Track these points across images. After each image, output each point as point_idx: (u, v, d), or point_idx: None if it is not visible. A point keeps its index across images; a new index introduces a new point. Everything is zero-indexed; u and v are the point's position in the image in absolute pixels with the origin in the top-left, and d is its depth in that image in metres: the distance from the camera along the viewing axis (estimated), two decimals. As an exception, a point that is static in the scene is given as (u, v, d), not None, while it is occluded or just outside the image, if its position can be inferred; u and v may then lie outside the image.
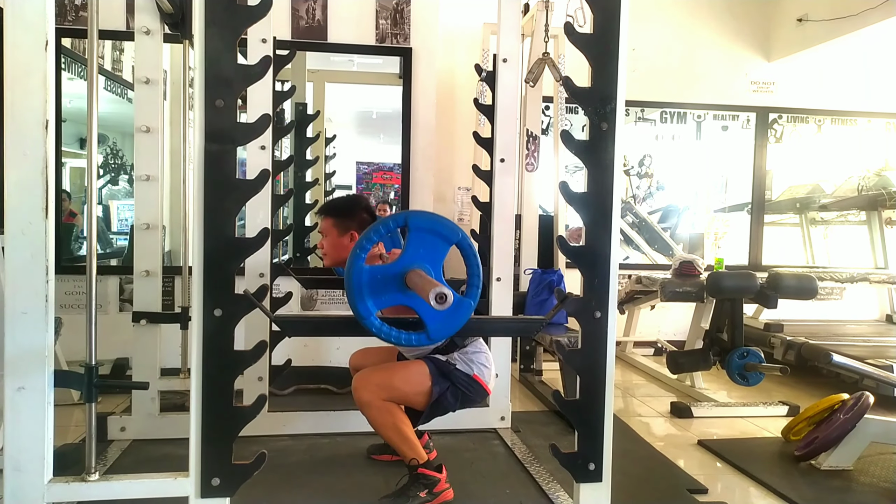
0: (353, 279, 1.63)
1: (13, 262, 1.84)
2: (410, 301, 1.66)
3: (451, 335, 1.74)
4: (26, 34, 1.80)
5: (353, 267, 1.63)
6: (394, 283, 1.66)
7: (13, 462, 1.87)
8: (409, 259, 1.66)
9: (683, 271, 4.04)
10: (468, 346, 2.41)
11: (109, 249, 4.64)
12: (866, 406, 2.73)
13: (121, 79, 4.34)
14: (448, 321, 1.67)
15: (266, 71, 1.59)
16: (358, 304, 1.64)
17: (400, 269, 1.66)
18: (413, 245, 1.66)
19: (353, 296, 1.63)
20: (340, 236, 2.48)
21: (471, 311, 1.71)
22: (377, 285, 1.65)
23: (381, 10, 4.07)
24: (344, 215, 2.50)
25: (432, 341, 1.71)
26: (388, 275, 1.66)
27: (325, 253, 2.55)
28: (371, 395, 2.27)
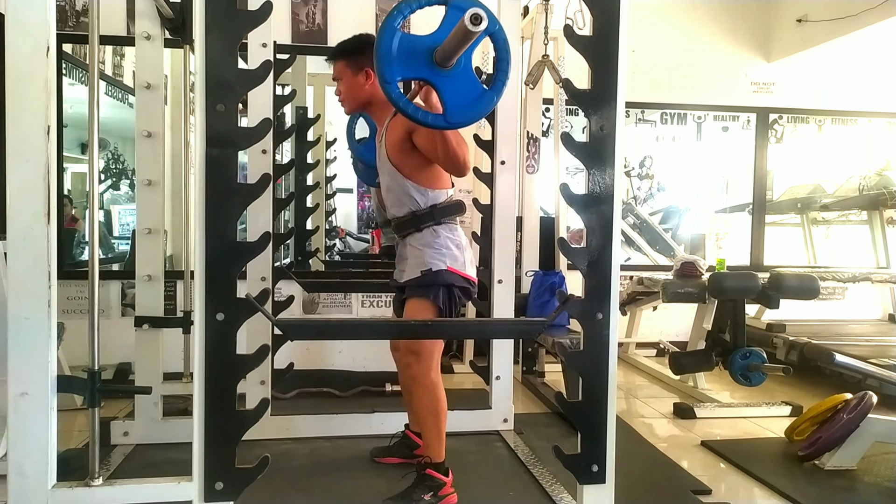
0: (383, 41, 1.60)
1: (15, 267, 1.84)
2: (434, 77, 1.65)
3: (467, 121, 1.73)
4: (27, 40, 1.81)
5: (387, 29, 1.60)
6: (423, 55, 1.64)
7: (17, 467, 1.88)
8: (442, 36, 1.63)
9: (685, 272, 4.04)
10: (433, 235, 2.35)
11: (111, 254, 4.65)
12: (869, 406, 2.72)
13: (122, 84, 4.35)
14: (469, 105, 1.67)
15: (266, 75, 1.60)
16: (384, 68, 1.61)
17: (432, 42, 1.64)
18: (450, 23, 1.61)
19: (381, 58, 1.60)
20: (356, 75, 2.43)
21: (492, 103, 1.71)
22: (406, 53, 1.62)
23: (381, 13, 4.08)
24: (355, 53, 2.43)
25: (448, 123, 1.70)
26: (420, 46, 1.64)
27: (343, 98, 2.50)
28: (414, 367, 2.30)
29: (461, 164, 2.18)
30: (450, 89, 1.66)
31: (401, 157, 2.32)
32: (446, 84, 1.66)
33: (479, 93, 1.69)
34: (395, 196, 2.38)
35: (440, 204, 2.36)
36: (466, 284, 2.39)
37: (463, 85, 1.68)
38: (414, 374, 2.32)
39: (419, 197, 2.34)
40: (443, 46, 1.61)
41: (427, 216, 2.35)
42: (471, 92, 1.67)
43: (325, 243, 4.65)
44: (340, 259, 5.03)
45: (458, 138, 2.14)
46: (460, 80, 1.69)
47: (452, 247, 2.36)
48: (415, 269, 2.35)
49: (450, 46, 1.59)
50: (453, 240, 2.37)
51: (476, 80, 1.71)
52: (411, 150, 2.29)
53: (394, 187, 2.38)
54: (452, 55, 1.63)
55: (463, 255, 2.39)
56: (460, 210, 2.42)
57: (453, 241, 2.37)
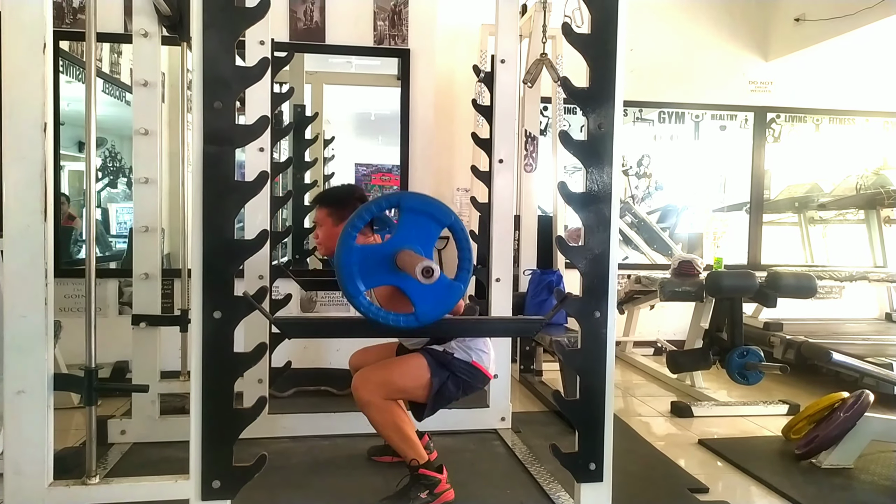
0: (342, 258, 1.62)
1: (12, 265, 1.84)
2: (400, 281, 1.65)
3: (439, 317, 1.72)
4: (24, 37, 1.80)
5: (344, 246, 1.62)
6: (384, 263, 1.65)
7: (13, 466, 1.87)
8: (400, 240, 1.65)
9: (682, 271, 4.04)
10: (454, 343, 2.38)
11: (108, 252, 4.63)
12: (866, 404, 2.73)
13: (119, 81, 4.34)
14: (438, 303, 1.67)
15: (264, 73, 1.59)
16: (347, 283, 1.63)
17: (390, 249, 1.65)
18: (405, 226, 1.65)
19: (343, 274, 1.62)
20: (335, 226, 2.47)
21: (460, 294, 1.70)
22: (368, 265, 1.64)
23: (379, 11, 4.07)
24: (338, 205, 2.49)
25: (420, 323, 1.69)
26: (379, 255, 1.65)
27: (320, 243, 2.54)
28: (371, 394, 2.27)
29: None
30: (416, 290, 1.64)
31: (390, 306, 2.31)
32: (412, 286, 1.63)
33: (446, 286, 1.65)
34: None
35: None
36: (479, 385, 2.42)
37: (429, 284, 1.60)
38: (363, 398, 2.28)
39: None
40: (402, 263, 1.62)
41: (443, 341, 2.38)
42: (438, 287, 1.61)
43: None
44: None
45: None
46: None
47: (482, 347, 2.40)
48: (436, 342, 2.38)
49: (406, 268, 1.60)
50: (484, 339, 2.42)
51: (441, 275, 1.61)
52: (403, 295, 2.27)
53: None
54: None
55: (490, 352, 2.43)
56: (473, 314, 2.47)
57: (484, 341, 2.41)
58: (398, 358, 2.45)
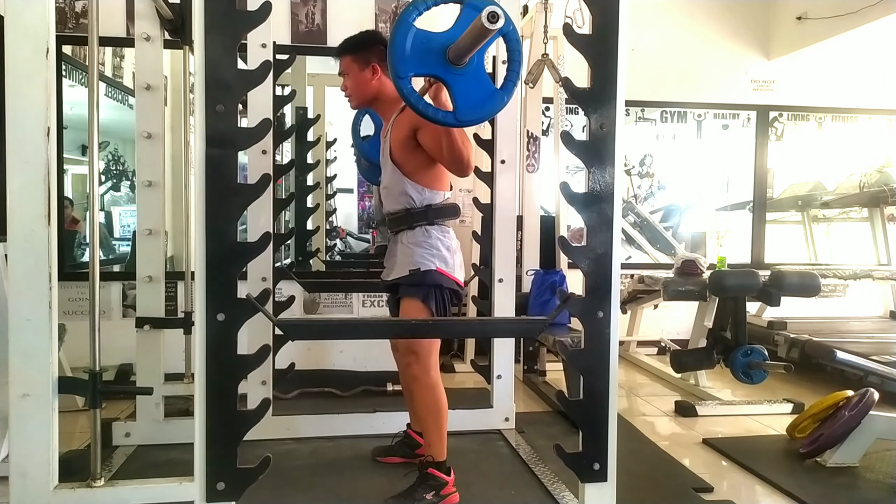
0: (397, 36, 1.61)
1: (16, 269, 1.85)
2: (447, 75, 1.66)
3: (478, 120, 1.74)
4: (27, 42, 1.81)
5: (401, 24, 1.61)
6: (437, 53, 1.65)
7: (19, 468, 1.88)
8: (457, 33, 1.64)
9: (686, 270, 4.04)
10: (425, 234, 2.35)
11: (112, 255, 4.65)
12: (871, 403, 2.72)
13: (122, 85, 4.35)
14: (479, 104, 1.69)
15: (266, 75, 1.60)
16: (398, 64, 1.62)
17: (445, 39, 1.65)
18: (464, 22, 1.62)
19: (395, 53, 1.61)
20: (362, 70, 2.41)
21: (502, 103, 1.73)
22: (420, 50, 1.63)
23: (381, 13, 4.07)
24: (362, 48, 2.43)
25: (458, 121, 1.70)
26: (434, 43, 1.65)
27: (350, 93, 2.48)
28: (414, 367, 2.32)
29: (465, 164, 2.19)
30: (461, 87, 1.67)
31: (404, 154, 2.32)
32: (458, 82, 1.66)
33: (490, 92, 1.70)
34: (393, 193, 2.39)
35: (435, 204, 2.37)
36: (455, 287, 2.39)
37: (474, 84, 1.69)
38: (414, 373, 2.33)
39: (415, 195, 2.34)
40: (457, 44, 1.62)
41: (421, 215, 2.35)
42: (482, 91, 1.68)
43: (325, 243, 4.65)
44: (341, 259, 5.03)
45: (463, 137, 2.15)
46: (472, 78, 1.70)
47: (443, 248, 2.36)
48: (403, 267, 2.35)
49: (464, 44, 1.60)
50: (444, 242, 2.37)
51: (487, 79, 1.72)
52: (415, 147, 2.30)
53: (392, 184, 2.38)
54: (466, 53, 1.63)
55: (453, 258, 2.39)
56: (455, 213, 2.43)
57: (444, 244, 2.37)
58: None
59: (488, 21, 1.44)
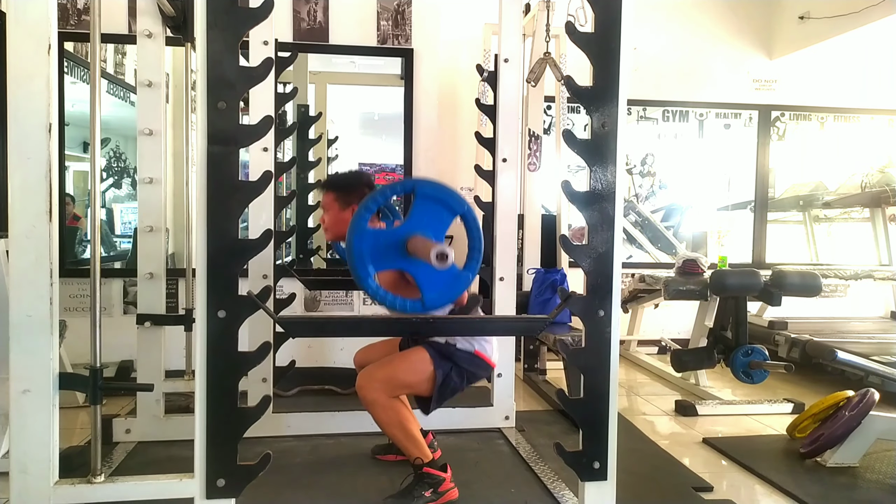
0: (354, 240, 1.62)
1: (17, 265, 1.85)
2: (410, 267, 1.66)
3: (445, 304, 1.73)
4: (29, 38, 1.81)
5: (356, 228, 1.63)
6: (395, 248, 1.66)
7: (19, 464, 1.88)
8: (412, 226, 1.65)
9: (687, 269, 4.04)
10: None
11: (113, 252, 4.65)
12: (871, 403, 2.72)
13: (123, 82, 4.35)
14: (445, 290, 1.68)
15: (268, 73, 1.60)
16: (358, 266, 1.63)
17: (402, 234, 1.66)
18: (418, 212, 1.65)
19: (354, 257, 1.63)
20: (342, 210, 2.46)
21: (468, 283, 1.71)
22: (379, 249, 1.65)
23: (383, 11, 4.07)
24: (345, 189, 2.47)
25: (426, 309, 1.69)
26: (390, 239, 1.66)
27: (327, 227, 2.53)
28: (376, 392, 2.26)
29: None
30: (425, 277, 1.65)
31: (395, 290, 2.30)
32: (421, 272, 1.65)
33: (454, 275, 1.66)
34: None
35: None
36: (482, 373, 2.41)
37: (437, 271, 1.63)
38: (367, 397, 2.28)
39: None
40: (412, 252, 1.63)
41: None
42: (446, 275, 1.63)
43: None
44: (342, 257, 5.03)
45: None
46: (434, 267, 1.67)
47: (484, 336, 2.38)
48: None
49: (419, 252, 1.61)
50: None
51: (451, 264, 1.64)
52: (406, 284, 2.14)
53: None
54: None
55: (492, 341, 2.41)
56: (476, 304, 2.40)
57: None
58: (401, 353, 2.45)
59: (437, 262, 1.49)
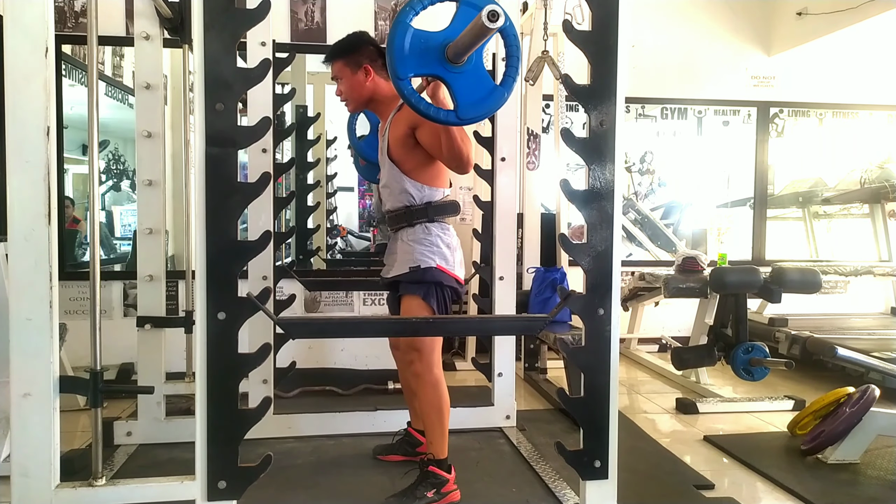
0: (396, 37, 1.61)
1: (17, 268, 1.85)
2: (447, 74, 1.66)
3: (479, 117, 1.74)
4: (26, 41, 1.81)
5: (399, 25, 1.61)
6: (435, 52, 1.65)
7: (20, 468, 1.88)
8: (454, 32, 1.64)
9: (687, 267, 4.04)
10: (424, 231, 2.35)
11: (113, 255, 4.65)
12: (872, 399, 2.72)
13: (121, 84, 4.35)
14: (479, 101, 1.69)
15: (266, 74, 1.59)
16: (397, 65, 1.62)
17: (443, 38, 1.65)
18: (461, 20, 1.63)
19: (394, 54, 1.61)
20: (355, 73, 2.41)
21: (502, 100, 1.73)
22: (418, 50, 1.64)
23: (380, 11, 4.07)
24: (351, 51, 2.42)
25: (460, 119, 1.70)
26: (432, 42, 1.65)
27: (346, 97, 2.48)
28: (420, 365, 2.31)
29: (465, 161, 2.18)
30: (461, 86, 1.67)
31: (402, 152, 2.32)
32: (458, 80, 1.67)
33: (490, 89, 1.70)
34: (392, 191, 2.39)
35: (435, 201, 2.36)
36: (455, 285, 2.39)
37: (474, 81, 1.69)
38: (417, 370, 2.32)
39: (415, 192, 2.34)
40: (456, 43, 1.62)
41: (421, 212, 2.35)
42: (482, 88, 1.69)
43: (326, 242, 4.66)
44: (342, 257, 5.04)
45: (462, 135, 2.14)
46: (472, 76, 1.70)
47: (443, 246, 2.35)
48: (403, 264, 2.35)
49: (463, 43, 1.60)
50: (444, 239, 2.37)
51: (487, 76, 1.72)
52: (414, 146, 2.29)
53: (391, 182, 2.38)
54: (465, 52, 1.64)
55: (453, 255, 2.39)
56: (455, 210, 2.43)
57: (444, 241, 2.36)
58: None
59: (488, 20, 1.44)
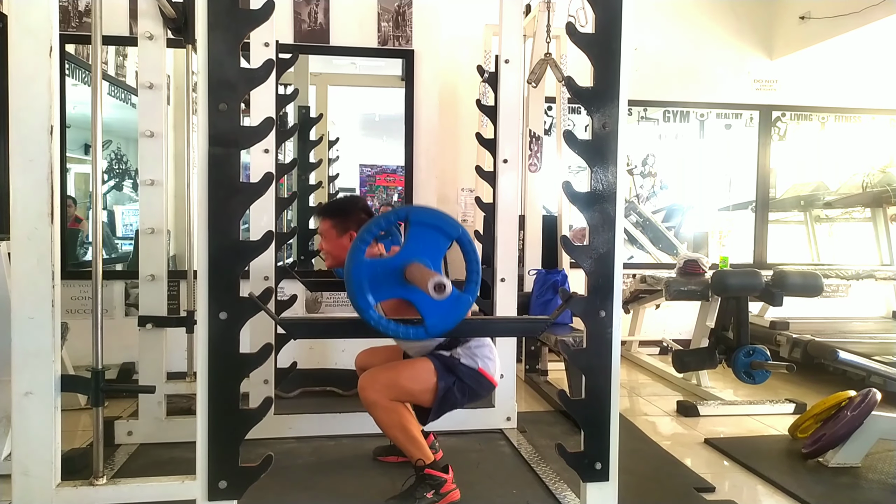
0: (352, 272, 1.63)
1: (19, 267, 1.85)
2: (409, 294, 1.66)
3: (448, 330, 1.73)
4: (31, 41, 1.82)
5: (353, 260, 1.63)
6: (393, 276, 1.66)
7: (21, 467, 1.88)
8: (409, 253, 1.66)
9: (688, 270, 4.04)
10: (471, 340, 2.38)
11: (115, 254, 4.65)
12: (873, 403, 2.72)
13: (124, 84, 4.35)
14: (446, 315, 1.68)
15: (269, 74, 1.60)
16: (358, 298, 1.64)
17: (400, 262, 1.66)
18: (413, 240, 1.66)
19: (353, 289, 1.63)
20: (339, 237, 2.47)
21: (469, 306, 1.71)
22: (377, 278, 1.65)
23: (383, 12, 4.07)
24: (341, 216, 2.49)
25: (430, 335, 1.70)
26: (388, 268, 1.66)
27: (327, 254, 2.55)
28: (377, 394, 2.26)
29: None
30: (425, 304, 1.65)
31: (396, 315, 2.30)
32: (422, 299, 1.64)
33: (454, 299, 1.65)
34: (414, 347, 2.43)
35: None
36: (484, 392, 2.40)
37: None
38: (369, 398, 2.28)
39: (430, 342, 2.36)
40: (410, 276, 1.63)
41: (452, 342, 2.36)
42: (446, 301, 1.62)
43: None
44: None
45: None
46: None
47: (489, 355, 2.37)
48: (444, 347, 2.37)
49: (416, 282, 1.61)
50: (490, 347, 2.39)
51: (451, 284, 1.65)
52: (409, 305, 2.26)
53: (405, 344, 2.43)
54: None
55: (495, 360, 2.41)
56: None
57: (490, 349, 2.39)
58: (406, 361, 2.45)
59: (435, 292, 1.49)
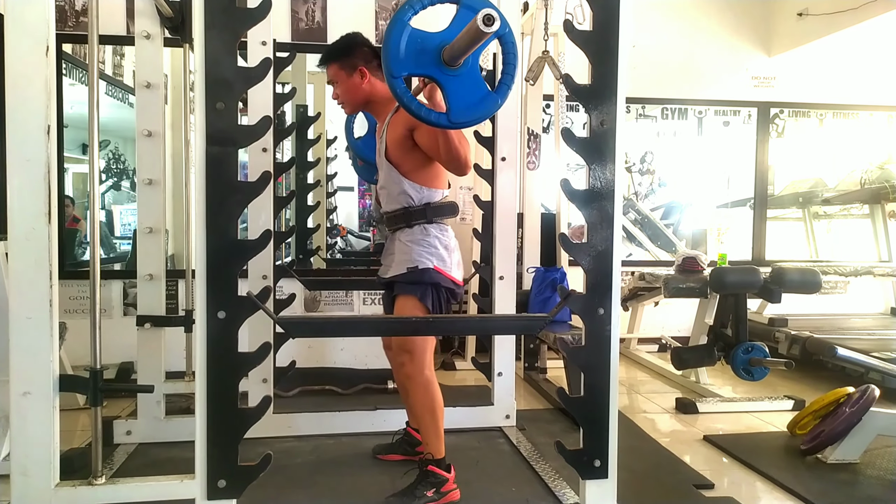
0: (392, 35, 1.60)
1: (17, 267, 1.85)
2: (441, 76, 1.65)
3: (471, 121, 1.72)
4: (27, 40, 1.81)
5: (396, 24, 1.60)
6: (431, 53, 1.64)
7: (20, 467, 1.88)
8: (453, 35, 1.63)
9: (687, 267, 4.04)
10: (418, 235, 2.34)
11: (113, 254, 4.65)
12: (872, 399, 2.73)
13: (122, 83, 4.35)
14: (472, 105, 1.68)
15: (266, 73, 1.59)
16: (392, 63, 1.60)
17: (440, 40, 1.64)
18: (460, 22, 1.62)
19: (390, 53, 1.60)
20: (350, 76, 2.42)
21: (496, 105, 1.71)
22: (415, 50, 1.62)
23: (381, 10, 4.07)
24: (346, 54, 2.42)
25: (452, 123, 1.69)
26: (429, 43, 1.64)
27: (342, 100, 2.48)
28: (411, 366, 2.30)
29: (462, 163, 2.18)
30: (455, 89, 1.66)
31: (400, 153, 2.32)
32: (452, 83, 1.65)
33: (484, 94, 1.69)
34: (391, 192, 2.38)
35: (434, 203, 2.36)
36: (452, 286, 2.38)
37: (469, 85, 1.68)
38: (408, 372, 2.32)
39: (414, 194, 2.34)
40: (452, 45, 1.61)
41: (419, 213, 2.34)
42: (476, 93, 1.67)
43: (326, 241, 4.66)
44: (342, 257, 5.03)
45: (460, 136, 2.14)
46: (466, 80, 1.68)
47: (441, 247, 2.35)
48: (401, 265, 2.35)
49: (459, 46, 1.58)
50: (442, 240, 2.36)
51: (482, 81, 1.71)
52: (411, 147, 2.29)
53: (389, 183, 2.37)
54: (461, 55, 1.62)
55: (451, 257, 2.38)
56: (453, 212, 2.42)
57: (442, 242, 2.36)
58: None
59: (484, 24, 1.43)
